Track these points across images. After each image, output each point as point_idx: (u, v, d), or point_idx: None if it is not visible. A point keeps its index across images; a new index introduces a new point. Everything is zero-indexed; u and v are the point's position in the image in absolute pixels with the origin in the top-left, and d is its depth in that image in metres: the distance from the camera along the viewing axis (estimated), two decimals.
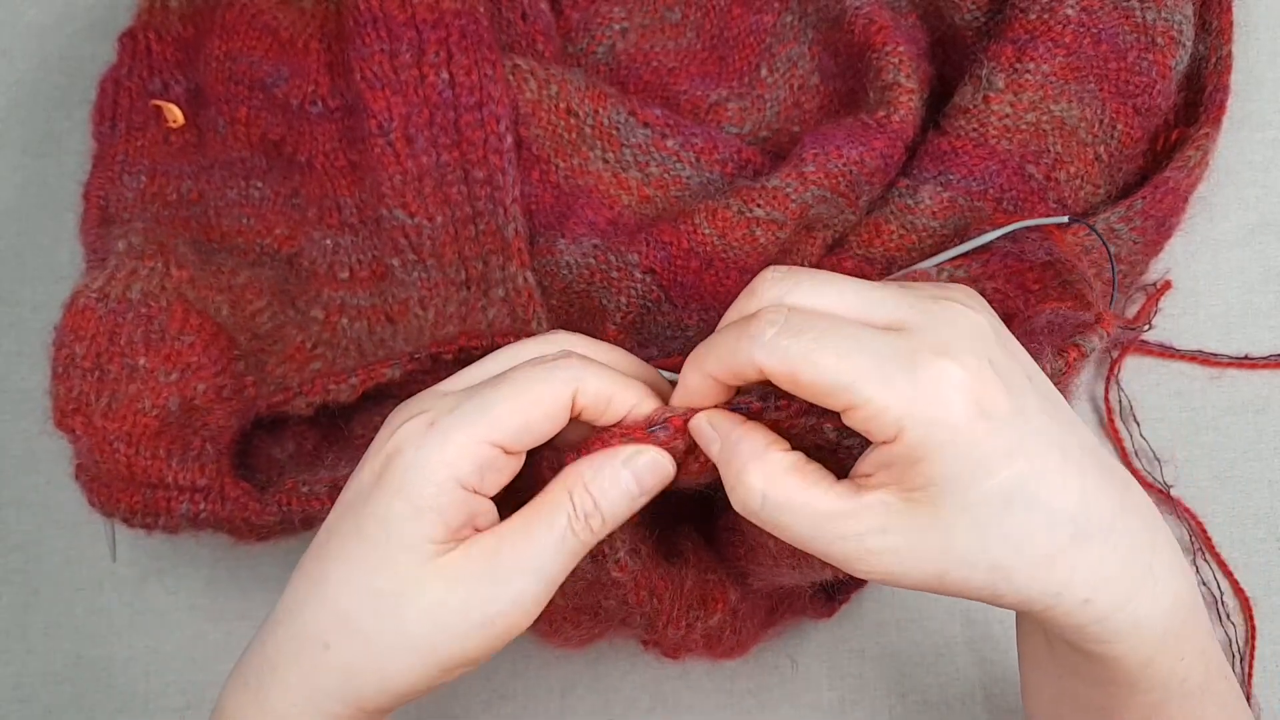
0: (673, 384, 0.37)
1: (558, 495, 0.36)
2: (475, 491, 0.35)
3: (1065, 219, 0.47)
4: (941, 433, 0.31)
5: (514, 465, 0.36)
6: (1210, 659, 0.36)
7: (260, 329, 0.50)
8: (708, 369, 0.35)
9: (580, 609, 0.43)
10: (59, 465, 0.56)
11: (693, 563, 0.44)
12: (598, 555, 0.40)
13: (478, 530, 0.36)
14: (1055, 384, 0.36)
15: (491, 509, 0.36)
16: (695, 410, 0.36)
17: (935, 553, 0.32)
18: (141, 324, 0.47)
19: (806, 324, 0.32)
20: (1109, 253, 0.47)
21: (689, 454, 0.37)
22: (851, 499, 0.32)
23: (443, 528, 0.34)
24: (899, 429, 0.31)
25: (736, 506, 0.34)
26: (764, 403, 0.35)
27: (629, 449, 0.36)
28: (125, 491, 0.47)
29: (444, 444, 0.34)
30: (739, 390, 0.36)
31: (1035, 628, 0.38)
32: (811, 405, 0.34)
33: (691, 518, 0.44)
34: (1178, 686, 0.35)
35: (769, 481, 0.33)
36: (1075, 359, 0.39)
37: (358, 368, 0.48)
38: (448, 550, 0.35)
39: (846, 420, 0.32)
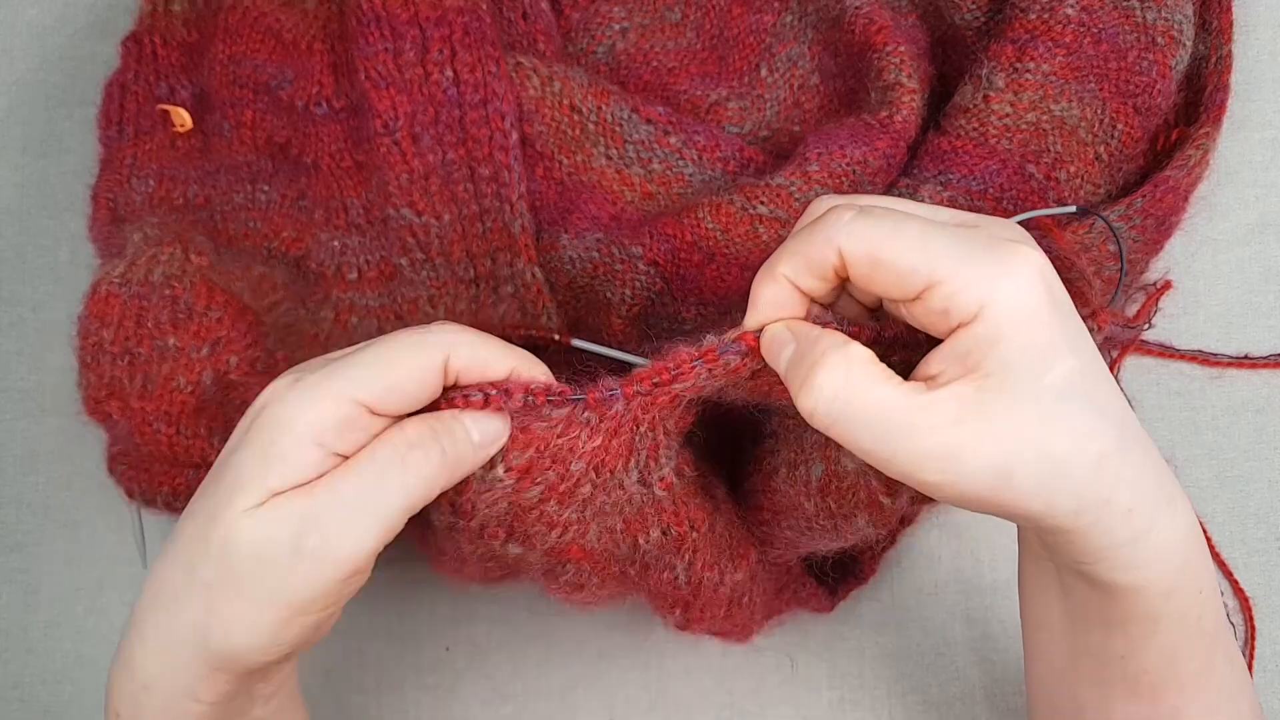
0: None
1: (379, 442, 0.35)
2: (335, 453, 0.35)
3: (1074, 208, 0.47)
4: (1022, 312, 0.31)
5: (378, 426, 0.35)
6: (1219, 606, 0.37)
7: (279, 320, 0.50)
8: (781, 270, 0.35)
9: (613, 556, 0.42)
10: (59, 465, 0.56)
11: (723, 510, 0.44)
12: (645, 476, 0.40)
13: None
14: None
15: None
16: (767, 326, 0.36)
17: (1003, 448, 0.32)
18: (167, 305, 0.47)
19: (883, 212, 0.33)
20: (1119, 243, 0.48)
21: (756, 376, 0.36)
22: (925, 393, 0.32)
23: (283, 479, 0.34)
24: (980, 307, 0.31)
25: (805, 408, 0.33)
26: (840, 327, 0.35)
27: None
28: (168, 474, 0.47)
29: (306, 398, 0.35)
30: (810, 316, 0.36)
31: (1048, 581, 0.38)
32: (880, 335, 0.35)
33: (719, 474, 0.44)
34: (1194, 626, 0.35)
35: (846, 373, 0.32)
36: None
37: None
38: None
39: (921, 308, 0.32)
